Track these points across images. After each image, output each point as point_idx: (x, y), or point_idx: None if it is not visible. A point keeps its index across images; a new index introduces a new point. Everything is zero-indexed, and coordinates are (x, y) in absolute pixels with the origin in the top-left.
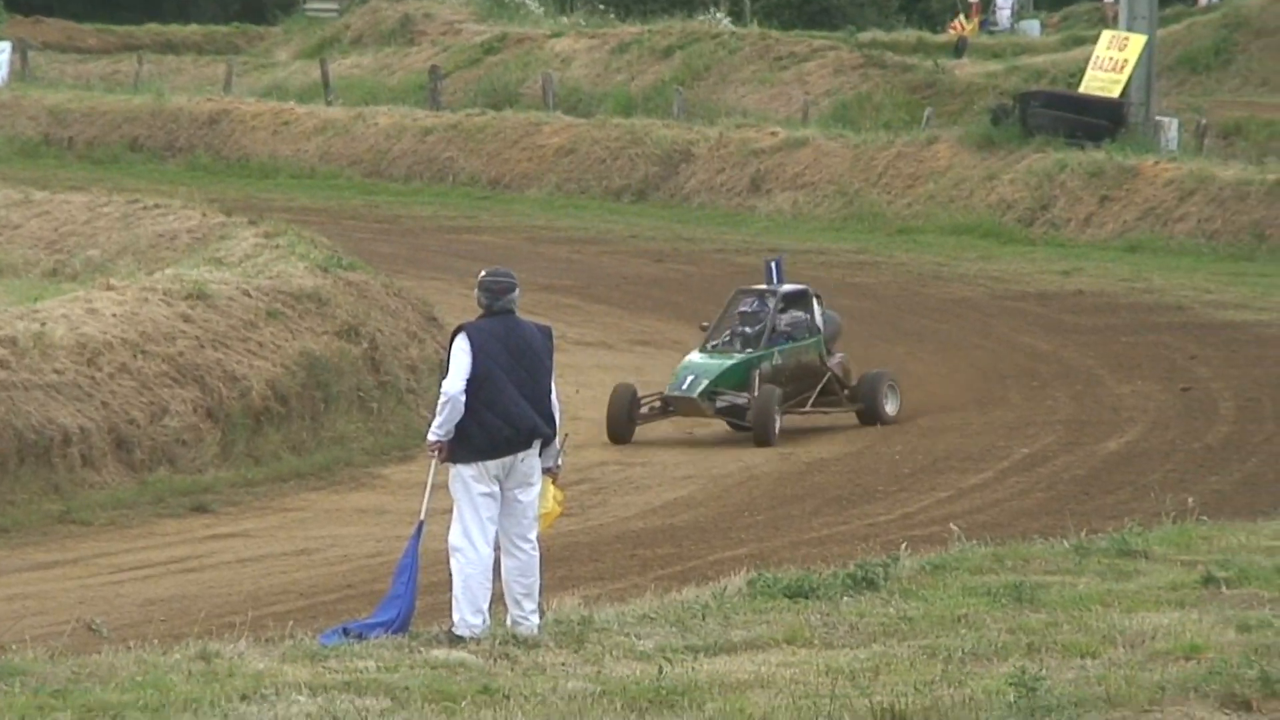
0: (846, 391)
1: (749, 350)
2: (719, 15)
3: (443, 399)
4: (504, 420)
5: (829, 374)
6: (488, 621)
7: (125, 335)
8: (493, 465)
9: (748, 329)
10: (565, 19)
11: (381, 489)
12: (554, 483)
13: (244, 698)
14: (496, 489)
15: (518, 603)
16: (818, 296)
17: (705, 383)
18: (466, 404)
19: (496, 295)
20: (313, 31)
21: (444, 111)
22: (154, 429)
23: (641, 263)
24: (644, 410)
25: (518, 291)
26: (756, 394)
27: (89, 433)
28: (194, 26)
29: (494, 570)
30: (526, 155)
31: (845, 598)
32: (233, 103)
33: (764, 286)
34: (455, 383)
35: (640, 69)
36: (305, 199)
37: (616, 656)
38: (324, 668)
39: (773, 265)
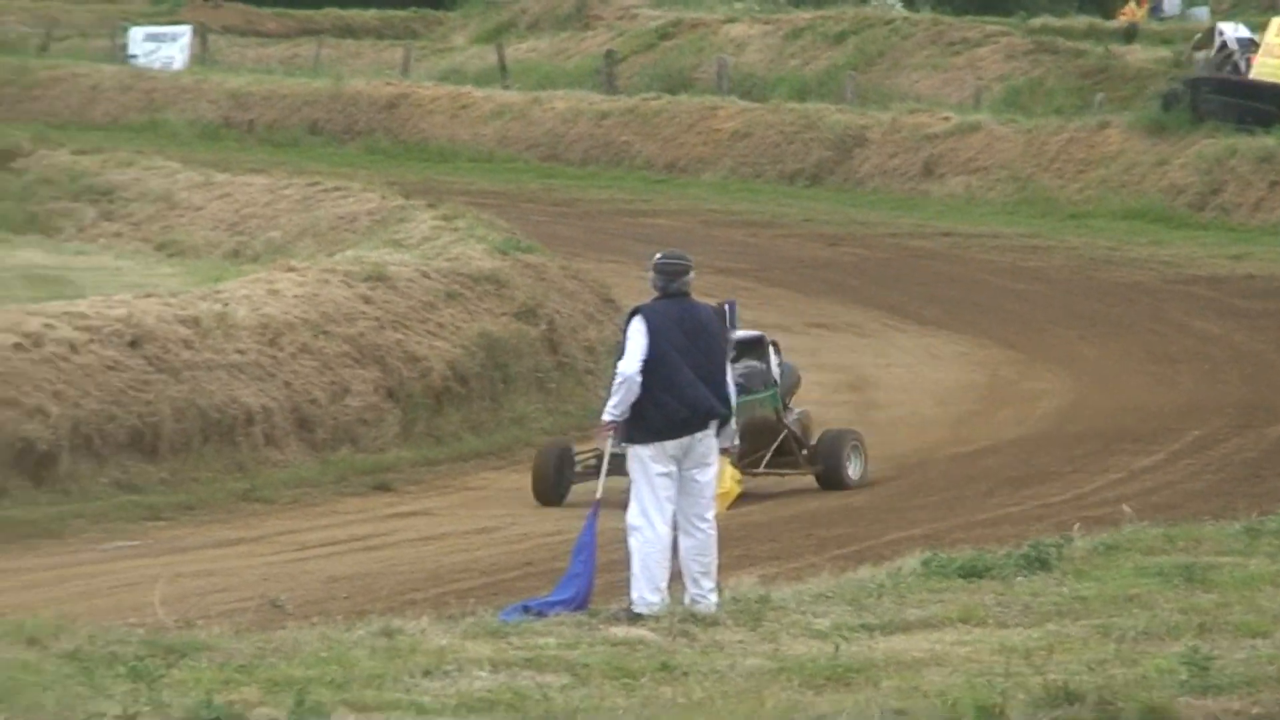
0: (805, 451)
1: None
2: (891, 1)
3: (619, 379)
4: (680, 401)
5: (786, 431)
6: (666, 599)
7: (306, 316)
8: (670, 446)
9: None
10: (739, 4)
11: None
12: (731, 463)
13: (427, 673)
14: (674, 469)
15: (696, 581)
16: (774, 344)
17: None
18: (643, 385)
19: (671, 278)
20: (490, 16)
21: (620, 96)
22: (335, 408)
23: (816, 246)
24: (579, 469)
25: (692, 274)
26: None
27: (272, 412)
28: (372, 11)
29: (672, 549)
30: (702, 139)
31: (1019, 578)
32: (411, 87)
33: None
34: (631, 364)
35: (813, 54)
36: (483, 182)
37: (793, 634)
38: (505, 644)
39: (725, 309)
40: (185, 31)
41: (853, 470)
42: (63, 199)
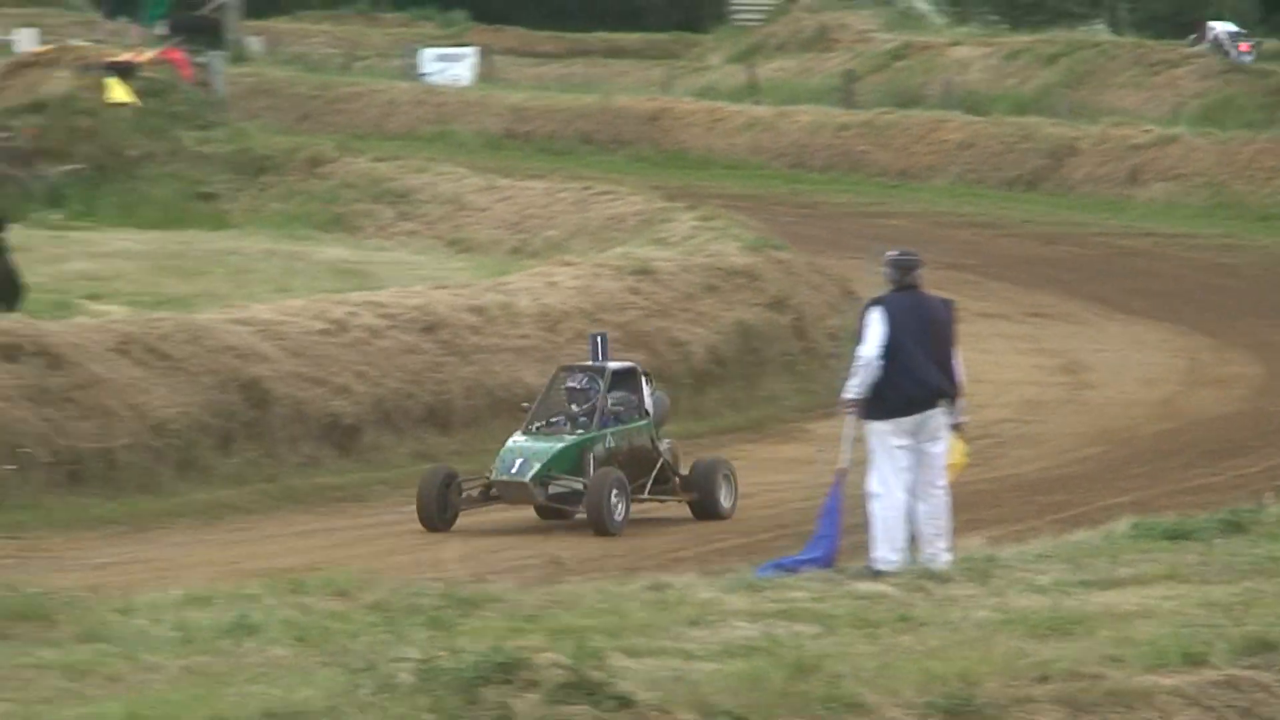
0: (677, 480)
1: (580, 431)
2: (1099, 26)
3: (859, 363)
4: (914, 382)
5: (662, 460)
6: (905, 558)
7: (581, 305)
8: (905, 422)
9: (576, 407)
10: (963, 29)
11: (807, 441)
12: (959, 437)
13: (692, 623)
14: (910, 442)
15: (930, 541)
16: (647, 376)
17: (538, 466)
18: (881, 368)
19: (904, 272)
20: (741, 39)
21: (857, 110)
22: None
23: (1034, 244)
24: (464, 495)
25: (922, 268)
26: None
27: None
28: (637, 34)
29: (908, 514)
30: (930, 149)
31: (1218, 540)
32: (671, 102)
33: (590, 363)
34: (871, 349)
35: (1030, 74)
36: (736, 187)
37: (1018, 590)
38: (761, 597)
39: (597, 340)
40: (471, 52)
41: (724, 499)
42: (364, 201)
